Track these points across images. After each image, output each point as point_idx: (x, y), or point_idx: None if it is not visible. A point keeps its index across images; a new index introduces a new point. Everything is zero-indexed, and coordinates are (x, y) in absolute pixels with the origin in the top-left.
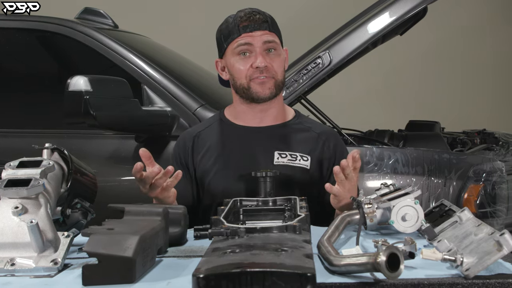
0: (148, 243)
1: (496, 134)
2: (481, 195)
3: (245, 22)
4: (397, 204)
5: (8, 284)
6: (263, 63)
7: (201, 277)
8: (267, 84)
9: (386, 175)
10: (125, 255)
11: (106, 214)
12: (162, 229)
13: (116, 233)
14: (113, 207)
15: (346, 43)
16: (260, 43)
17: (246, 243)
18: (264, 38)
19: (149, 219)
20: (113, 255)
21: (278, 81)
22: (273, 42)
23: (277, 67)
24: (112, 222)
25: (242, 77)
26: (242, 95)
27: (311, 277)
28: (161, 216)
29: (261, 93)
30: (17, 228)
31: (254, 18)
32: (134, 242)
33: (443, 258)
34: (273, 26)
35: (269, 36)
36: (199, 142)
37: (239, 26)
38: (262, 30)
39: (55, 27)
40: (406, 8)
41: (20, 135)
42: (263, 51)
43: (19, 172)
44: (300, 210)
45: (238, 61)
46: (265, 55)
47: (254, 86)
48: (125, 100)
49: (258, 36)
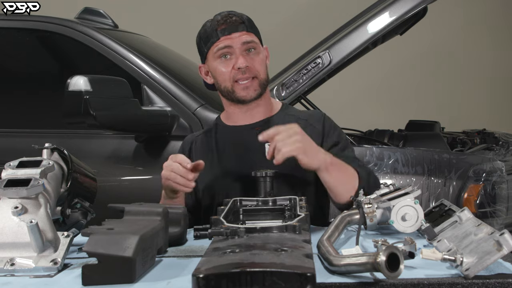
0: (148, 243)
1: (496, 134)
2: (481, 195)
3: (222, 25)
4: (397, 204)
5: (8, 284)
6: (244, 64)
7: (201, 277)
8: (251, 88)
9: (386, 175)
10: (125, 255)
11: (106, 214)
12: (162, 229)
13: (116, 233)
14: (113, 207)
15: (346, 43)
16: (239, 44)
17: (246, 243)
18: (242, 39)
19: (149, 219)
20: (113, 255)
21: (262, 80)
22: (252, 42)
23: (258, 65)
24: (112, 222)
25: (226, 79)
26: (228, 98)
27: (311, 277)
28: (161, 216)
29: (246, 96)
30: (17, 228)
31: (230, 20)
32: (134, 242)
33: (443, 258)
34: (250, 27)
35: (247, 36)
36: (196, 147)
37: (217, 30)
38: (239, 31)
39: (55, 27)
40: (406, 8)
41: (20, 135)
42: (243, 51)
43: (19, 172)
44: (300, 210)
45: (220, 64)
46: (246, 55)
47: (238, 90)
48: (125, 100)
49: (237, 37)
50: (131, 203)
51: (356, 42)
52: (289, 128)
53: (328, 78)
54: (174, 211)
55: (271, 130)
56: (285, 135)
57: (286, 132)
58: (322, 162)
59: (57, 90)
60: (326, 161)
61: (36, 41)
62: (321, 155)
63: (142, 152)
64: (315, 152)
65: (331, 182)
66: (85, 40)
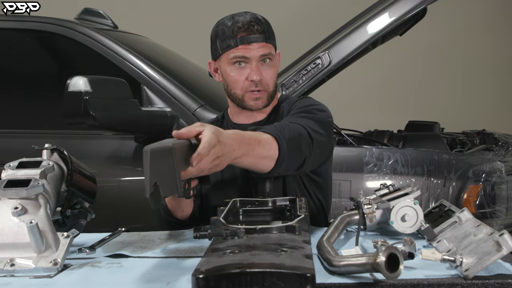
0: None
1: (495, 134)
2: (480, 196)
3: (243, 33)
4: (397, 205)
5: (8, 285)
6: (258, 77)
7: (201, 277)
8: (260, 100)
9: (386, 175)
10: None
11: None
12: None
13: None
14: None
15: (345, 44)
16: (256, 57)
17: (246, 243)
18: (260, 52)
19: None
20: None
21: (271, 92)
22: (269, 54)
23: (269, 79)
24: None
25: (238, 88)
26: (236, 103)
27: (311, 277)
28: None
29: (253, 106)
30: (16, 228)
31: (252, 29)
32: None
33: (442, 259)
34: (269, 37)
35: (265, 49)
36: None
37: (236, 36)
38: (259, 42)
39: (54, 27)
40: (406, 8)
41: (20, 135)
42: (258, 63)
43: (18, 173)
44: (299, 210)
45: (233, 70)
46: (260, 66)
47: (248, 100)
48: (124, 101)
49: (255, 49)
50: (131, 203)
51: (356, 42)
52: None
53: (328, 79)
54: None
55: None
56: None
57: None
58: (232, 160)
59: (57, 91)
60: (235, 157)
61: (36, 41)
62: (231, 156)
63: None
64: (227, 159)
65: (247, 166)
66: (85, 40)
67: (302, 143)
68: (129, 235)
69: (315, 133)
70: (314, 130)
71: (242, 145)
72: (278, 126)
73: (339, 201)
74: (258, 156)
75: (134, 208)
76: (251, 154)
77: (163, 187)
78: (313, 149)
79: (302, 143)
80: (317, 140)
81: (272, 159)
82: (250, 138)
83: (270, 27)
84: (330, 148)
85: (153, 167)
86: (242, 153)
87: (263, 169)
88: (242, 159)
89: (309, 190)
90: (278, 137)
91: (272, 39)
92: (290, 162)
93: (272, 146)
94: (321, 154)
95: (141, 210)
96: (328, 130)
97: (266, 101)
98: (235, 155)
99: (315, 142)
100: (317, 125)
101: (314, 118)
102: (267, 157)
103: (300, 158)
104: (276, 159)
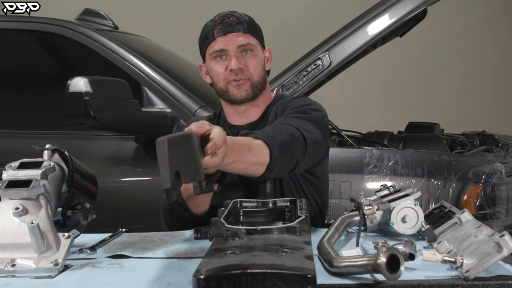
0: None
1: (495, 135)
2: (480, 197)
3: (219, 26)
4: (397, 206)
5: (9, 285)
6: (237, 66)
7: (202, 278)
8: (243, 86)
9: (386, 176)
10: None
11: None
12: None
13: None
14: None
15: (346, 45)
16: (234, 47)
17: (247, 244)
18: (238, 42)
19: None
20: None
21: (255, 82)
22: (248, 44)
23: (252, 68)
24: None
25: (220, 80)
26: (223, 98)
27: (312, 278)
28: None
29: (237, 95)
30: (17, 229)
31: (227, 20)
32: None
33: (443, 260)
34: (248, 28)
35: (243, 38)
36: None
37: (213, 30)
38: (236, 32)
39: (55, 28)
40: (406, 10)
41: (21, 136)
42: (238, 53)
43: (19, 173)
44: (300, 211)
45: (215, 64)
46: (240, 57)
47: (231, 88)
48: (125, 101)
49: (232, 39)
50: (132, 203)
51: (356, 44)
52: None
53: (328, 80)
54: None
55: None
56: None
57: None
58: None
59: (58, 91)
60: (225, 163)
61: (37, 42)
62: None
63: (142, 154)
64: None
65: (237, 172)
66: (85, 41)
67: (295, 146)
68: (129, 235)
69: (309, 134)
70: (308, 130)
71: (233, 152)
72: (270, 131)
73: (339, 202)
74: (248, 163)
75: (134, 208)
76: (240, 161)
77: (184, 174)
78: (306, 151)
79: (294, 146)
80: (311, 141)
81: (262, 165)
82: (241, 145)
83: (253, 22)
84: (326, 148)
85: (172, 155)
86: (232, 160)
87: (254, 174)
88: (232, 166)
89: (305, 191)
90: (269, 142)
91: (253, 32)
92: (281, 167)
93: (263, 152)
94: (316, 154)
95: (142, 211)
96: (323, 129)
97: (251, 90)
98: (226, 161)
99: (309, 143)
100: (312, 125)
101: (309, 118)
102: (258, 163)
103: (292, 162)
104: (267, 164)
